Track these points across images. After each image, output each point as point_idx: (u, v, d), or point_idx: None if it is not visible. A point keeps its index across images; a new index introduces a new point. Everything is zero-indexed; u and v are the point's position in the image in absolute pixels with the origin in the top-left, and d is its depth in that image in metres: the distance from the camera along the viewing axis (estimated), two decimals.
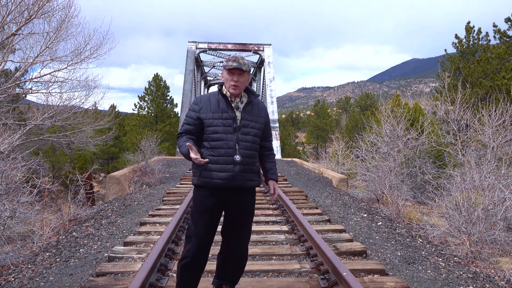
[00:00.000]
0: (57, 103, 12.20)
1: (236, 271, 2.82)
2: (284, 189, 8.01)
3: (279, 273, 3.60)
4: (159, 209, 6.35)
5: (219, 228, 2.73)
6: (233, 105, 2.57)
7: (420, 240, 4.76)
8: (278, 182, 9.31)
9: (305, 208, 6.31)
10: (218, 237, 2.78)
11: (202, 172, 2.51)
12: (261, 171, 2.77)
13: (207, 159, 2.43)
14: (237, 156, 2.49)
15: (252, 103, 2.64)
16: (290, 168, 13.65)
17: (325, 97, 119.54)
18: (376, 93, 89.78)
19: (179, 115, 32.80)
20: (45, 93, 12.02)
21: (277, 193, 2.81)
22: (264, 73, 29.28)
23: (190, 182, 9.59)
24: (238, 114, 2.57)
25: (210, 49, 29.40)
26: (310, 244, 4.13)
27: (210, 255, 3.87)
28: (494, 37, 16.79)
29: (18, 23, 10.38)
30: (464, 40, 18.30)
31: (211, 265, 3.25)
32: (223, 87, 2.63)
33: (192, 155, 2.37)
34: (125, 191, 9.20)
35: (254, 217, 5.65)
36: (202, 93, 34.56)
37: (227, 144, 2.49)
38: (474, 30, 18.23)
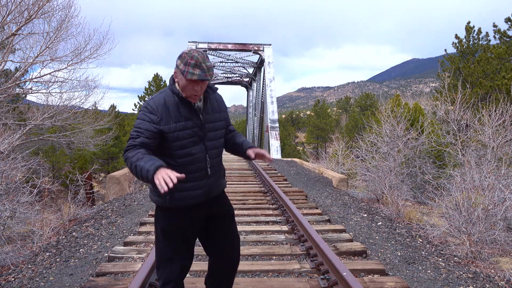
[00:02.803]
0: (57, 103, 12.24)
1: (231, 278, 2.45)
2: (284, 189, 8.01)
3: (279, 273, 3.60)
4: None
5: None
6: (195, 107, 2.12)
7: (420, 240, 4.76)
8: (278, 182, 9.30)
9: (305, 208, 6.31)
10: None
11: (173, 193, 2.06)
12: (234, 150, 2.38)
13: (183, 175, 1.86)
14: (209, 169, 2.16)
15: (209, 99, 2.19)
16: (290, 168, 13.65)
17: (325, 97, 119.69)
18: (376, 93, 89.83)
19: None
20: (45, 93, 12.06)
21: (262, 151, 2.28)
22: (264, 73, 29.27)
23: None
24: (201, 118, 2.14)
25: (210, 49, 29.37)
26: (310, 244, 4.13)
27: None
28: (494, 37, 16.80)
29: (18, 23, 10.40)
30: (464, 40, 18.30)
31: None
32: (176, 85, 2.08)
33: (164, 174, 1.79)
34: (125, 191, 9.20)
35: (254, 217, 5.69)
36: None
37: (197, 159, 2.10)
38: (474, 30, 18.23)
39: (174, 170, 2.02)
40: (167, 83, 2.38)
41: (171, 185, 1.76)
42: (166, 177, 1.77)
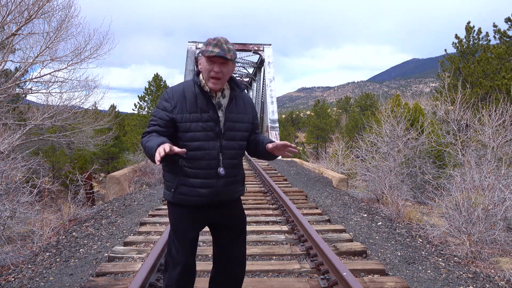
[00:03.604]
0: (57, 103, 12.25)
1: None
2: (284, 189, 8.01)
3: (279, 273, 3.60)
4: (159, 209, 6.35)
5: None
6: (214, 101, 2.04)
7: (420, 240, 4.76)
8: (278, 182, 9.30)
9: (305, 208, 6.31)
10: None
11: (178, 187, 2.04)
12: (256, 149, 2.24)
13: (184, 149, 1.86)
14: (221, 168, 2.03)
15: (236, 97, 2.12)
16: (290, 168, 13.65)
17: (325, 97, 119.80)
18: (376, 93, 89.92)
19: None
20: (45, 93, 12.07)
21: (283, 142, 2.14)
22: (264, 73, 29.29)
23: None
24: (220, 114, 2.05)
25: None
26: (310, 244, 4.13)
27: (208, 255, 3.87)
28: (494, 37, 16.80)
29: (18, 23, 10.40)
30: (464, 40, 18.30)
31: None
32: (200, 76, 2.05)
33: (163, 149, 1.77)
34: (125, 191, 9.20)
35: (254, 217, 5.69)
36: None
37: (208, 155, 2.01)
38: (474, 30, 18.23)
39: (183, 163, 2.02)
40: (167, 83, 2.37)
41: (167, 150, 1.75)
42: (165, 146, 1.77)
